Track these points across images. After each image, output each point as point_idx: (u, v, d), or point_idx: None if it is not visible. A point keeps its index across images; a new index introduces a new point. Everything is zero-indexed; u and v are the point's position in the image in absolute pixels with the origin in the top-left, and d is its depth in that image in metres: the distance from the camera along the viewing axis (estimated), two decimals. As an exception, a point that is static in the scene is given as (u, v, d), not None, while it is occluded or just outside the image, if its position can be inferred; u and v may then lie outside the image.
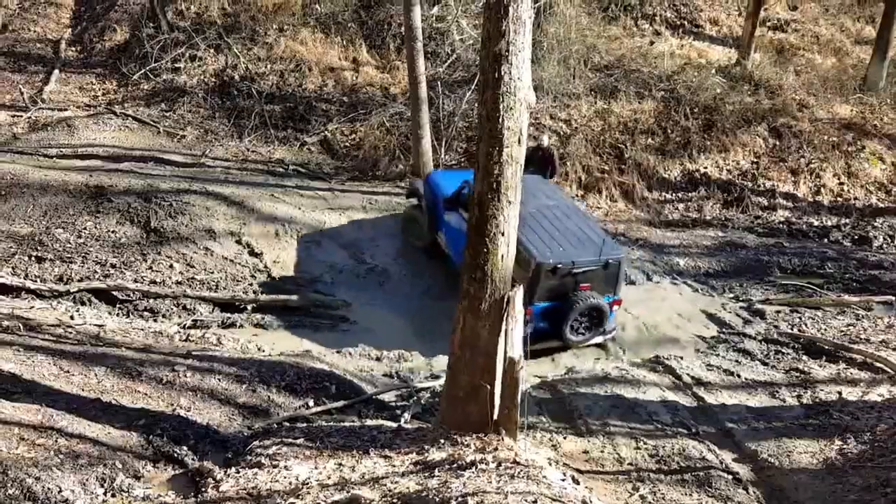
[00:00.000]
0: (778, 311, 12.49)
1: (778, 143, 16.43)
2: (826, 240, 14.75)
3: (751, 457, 8.96)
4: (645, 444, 9.01)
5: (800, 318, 12.27)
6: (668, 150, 16.05)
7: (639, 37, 19.21)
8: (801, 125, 16.62)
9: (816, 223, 15.32)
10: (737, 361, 11.15)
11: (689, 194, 15.79)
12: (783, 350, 11.39)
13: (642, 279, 13.23)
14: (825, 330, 11.93)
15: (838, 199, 15.88)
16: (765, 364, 11.06)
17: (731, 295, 13.05)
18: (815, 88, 17.69)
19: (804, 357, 11.19)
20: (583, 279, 10.82)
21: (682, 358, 11.25)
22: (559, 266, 10.62)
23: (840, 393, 10.17)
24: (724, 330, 12.13)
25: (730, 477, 8.48)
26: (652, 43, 18.91)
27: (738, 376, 10.69)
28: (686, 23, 20.01)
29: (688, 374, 10.67)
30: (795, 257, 13.88)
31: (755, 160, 16.21)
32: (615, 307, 11.27)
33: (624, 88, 16.90)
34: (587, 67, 17.30)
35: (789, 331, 11.88)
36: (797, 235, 14.91)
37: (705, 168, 16.03)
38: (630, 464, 8.69)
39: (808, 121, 16.75)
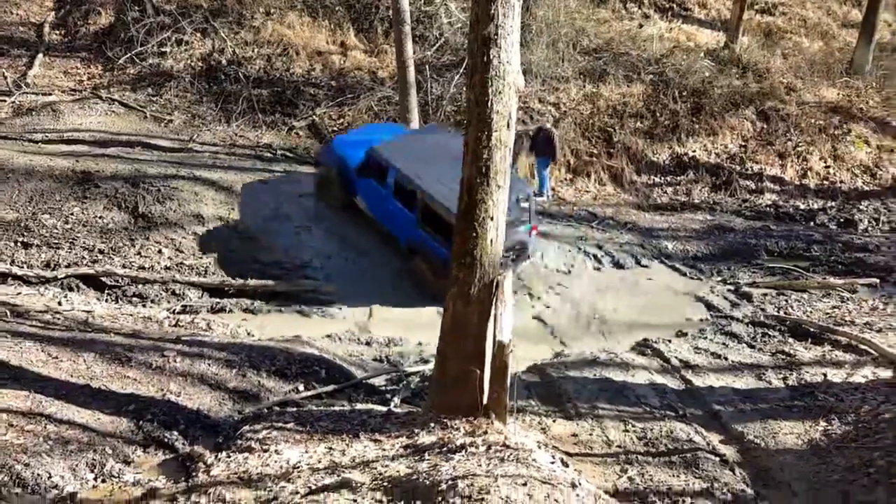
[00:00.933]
0: (765, 294, 12.59)
1: (765, 126, 16.49)
2: (812, 223, 14.85)
3: (737, 438, 9.05)
4: (633, 426, 9.09)
5: (786, 300, 12.37)
6: (657, 134, 16.07)
7: (627, 20, 19.17)
8: (789, 108, 16.67)
9: (803, 206, 15.42)
10: (724, 344, 11.23)
11: (678, 178, 15.83)
12: (770, 333, 11.49)
13: (631, 262, 13.29)
14: (811, 312, 12.03)
15: (824, 182, 15.97)
16: (751, 347, 11.15)
17: (719, 278, 13.13)
18: (803, 72, 17.73)
19: (790, 339, 11.29)
20: None
21: (670, 341, 11.34)
22: None
23: (825, 375, 10.28)
24: (711, 313, 12.22)
25: (716, 458, 8.58)
26: (641, 26, 18.88)
27: (726, 359, 10.78)
28: (675, 6, 19.98)
29: (676, 358, 10.76)
30: (782, 240, 13.97)
31: (743, 143, 16.26)
32: (533, 232, 12.43)
33: (613, 72, 16.88)
34: (576, 51, 17.26)
35: (776, 313, 11.97)
36: (784, 218, 15.00)
37: (694, 152, 16.07)
38: (618, 446, 8.77)
39: (795, 104, 16.80)
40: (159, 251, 12.27)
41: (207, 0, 18.10)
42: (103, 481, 7.42)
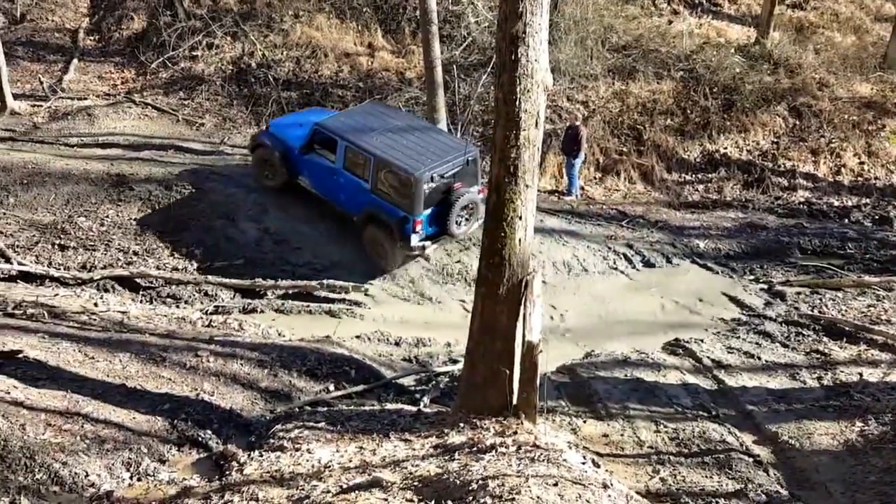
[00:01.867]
0: (798, 293, 12.42)
1: (798, 122, 16.23)
2: (846, 220, 14.60)
3: (771, 439, 8.95)
4: (665, 427, 9.02)
5: (820, 299, 12.19)
6: (688, 131, 15.91)
7: (657, 16, 19.00)
8: (821, 104, 16.40)
9: (837, 203, 15.16)
10: (757, 344, 11.10)
11: (709, 175, 15.66)
12: (804, 332, 11.33)
13: (662, 261, 13.18)
14: (846, 311, 11.84)
15: (859, 178, 15.68)
16: (785, 346, 11.01)
17: (752, 277, 12.98)
18: (835, 67, 17.42)
19: (825, 338, 11.13)
20: (455, 180, 12.11)
21: (702, 341, 11.23)
22: (433, 175, 11.82)
23: (861, 374, 10.12)
24: (744, 312, 12.08)
25: (750, 459, 8.49)
26: (670, 22, 18.70)
27: (759, 358, 10.66)
28: (704, 1, 19.77)
29: (708, 357, 10.66)
30: (816, 238, 13.76)
31: (775, 140, 16.03)
32: (482, 194, 12.26)
33: (642, 69, 16.73)
34: (605, 48, 17.15)
35: (810, 312, 11.80)
36: (817, 216, 14.77)
37: (725, 149, 15.89)
38: (650, 447, 8.71)
39: (827, 100, 16.51)
40: (192, 253, 12.44)
41: (237, 4, 18.30)
42: (139, 480, 7.53)
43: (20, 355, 8.96)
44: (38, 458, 7.35)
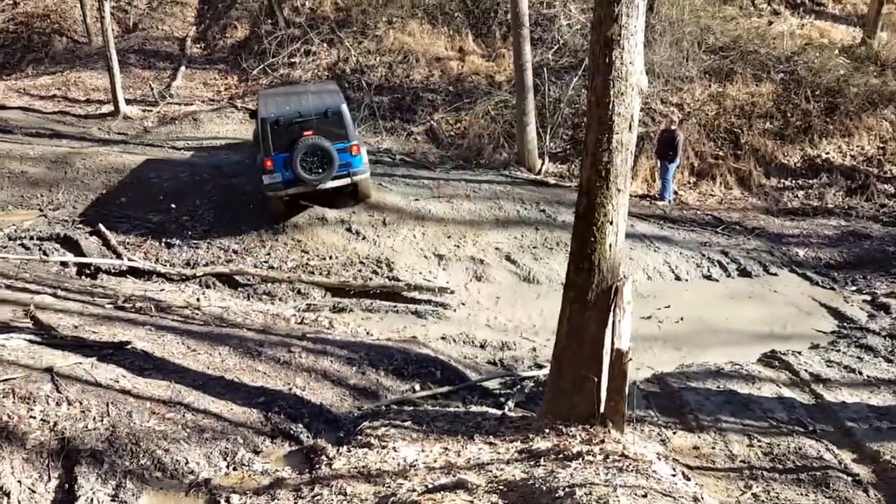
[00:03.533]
0: (906, 306, 11.78)
1: (907, 127, 15.43)
2: (961, 230, 13.75)
3: (872, 458, 8.51)
4: (759, 441, 8.72)
5: (931, 313, 11.53)
6: (788, 135, 15.36)
7: (756, 16, 18.44)
8: (935, 107, 15.54)
9: (950, 212, 14.31)
10: (859, 358, 10.59)
11: (810, 181, 15.07)
12: (911, 347, 10.75)
13: (759, 270, 12.75)
14: (959, 326, 11.16)
15: (974, 186, 14.78)
16: (889, 361, 10.46)
17: (854, 288, 12.40)
18: (950, 68, 16.48)
19: (934, 355, 10.52)
20: (305, 127, 12.69)
21: (799, 353, 10.80)
22: (281, 118, 12.58)
23: (975, 394, 9.51)
24: (845, 324, 11.55)
25: (849, 478, 8.10)
26: (770, 23, 18.11)
27: (860, 373, 10.17)
28: (807, 1, 19.02)
29: (806, 371, 10.24)
30: (926, 248, 13.03)
31: (881, 145, 15.27)
32: (355, 151, 12.99)
33: (740, 71, 16.26)
34: (701, 49, 16.77)
35: (919, 327, 11.19)
36: (928, 225, 13.98)
37: (827, 153, 15.24)
38: (742, 461, 8.43)
39: (942, 102, 15.64)
40: (287, 252, 12.86)
41: (334, 12, 18.84)
42: (234, 469, 7.77)
43: (128, 346, 9.45)
44: (142, 445, 7.69)
